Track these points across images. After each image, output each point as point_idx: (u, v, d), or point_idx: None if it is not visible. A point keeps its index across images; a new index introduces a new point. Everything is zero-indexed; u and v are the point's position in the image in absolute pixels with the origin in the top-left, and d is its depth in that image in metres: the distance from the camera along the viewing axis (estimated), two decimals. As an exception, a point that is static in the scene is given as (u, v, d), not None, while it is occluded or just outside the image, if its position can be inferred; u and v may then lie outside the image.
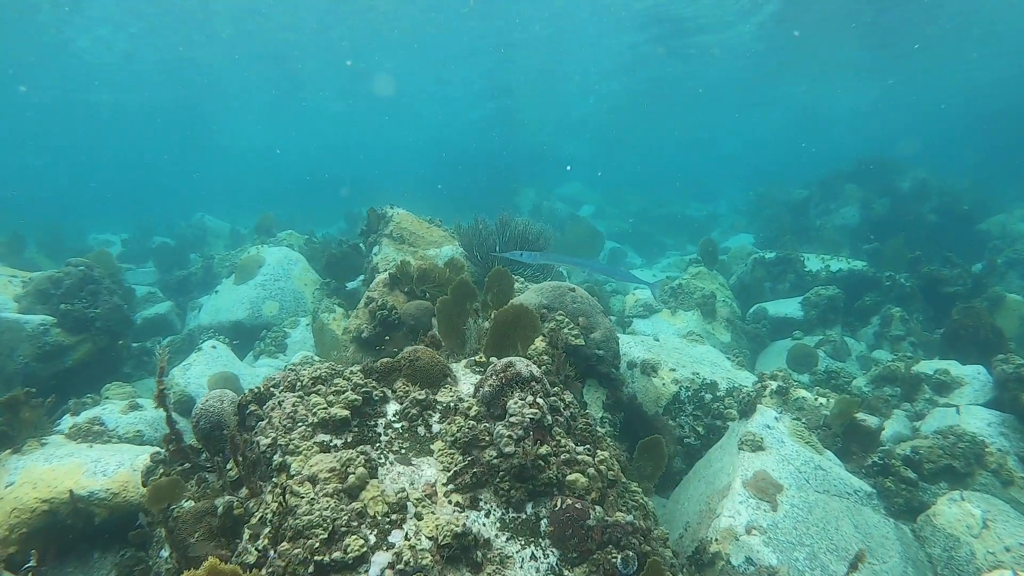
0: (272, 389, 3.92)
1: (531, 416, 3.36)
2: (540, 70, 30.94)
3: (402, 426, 3.63)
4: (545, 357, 5.14)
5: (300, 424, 3.44)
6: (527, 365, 3.91)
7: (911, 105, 42.53)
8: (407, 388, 3.99)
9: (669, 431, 6.60)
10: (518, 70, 31.15)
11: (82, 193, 58.79)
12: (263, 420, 3.64)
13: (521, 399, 3.51)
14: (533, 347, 5.42)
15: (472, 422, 3.49)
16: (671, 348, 7.71)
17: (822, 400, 5.80)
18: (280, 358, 9.18)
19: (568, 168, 44.09)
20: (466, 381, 4.53)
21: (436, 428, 3.63)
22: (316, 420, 3.45)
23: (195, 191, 54.53)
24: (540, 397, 3.60)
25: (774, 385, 5.98)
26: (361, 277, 10.10)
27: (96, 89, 32.10)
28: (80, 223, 33.14)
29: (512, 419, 3.34)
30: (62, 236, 20.94)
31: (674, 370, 6.94)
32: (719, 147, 68.78)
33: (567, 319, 6.01)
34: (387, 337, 6.38)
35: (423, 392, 3.89)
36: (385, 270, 8.60)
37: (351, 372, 4.23)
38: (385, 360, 4.37)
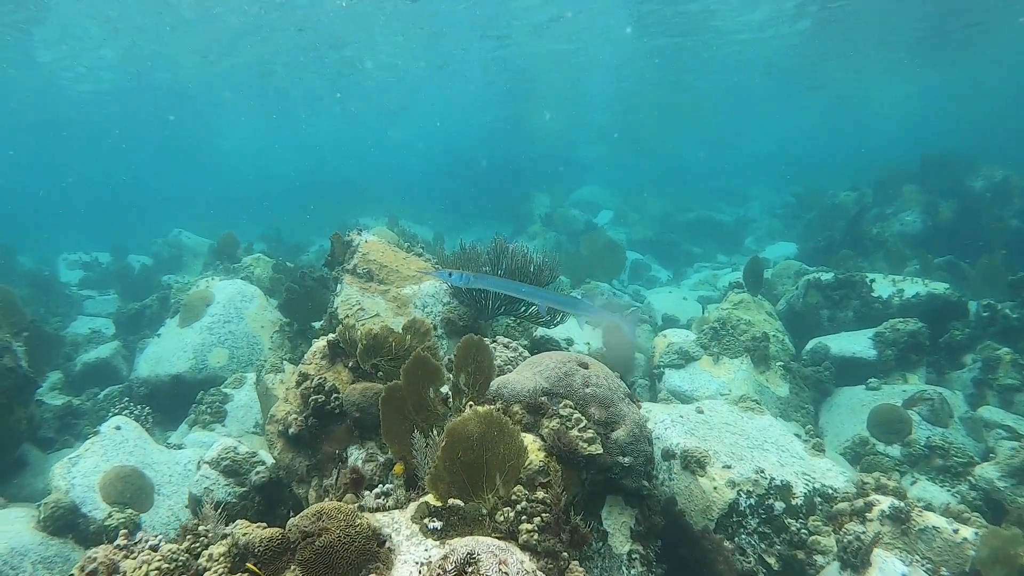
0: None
1: None
2: (553, 68, 29.26)
3: None
4: (543, 494, 3.45)
5: None
6: (502, 566, 2.28)
7: (975, 97, 39.95)
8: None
9: (725, 558, 4.87)
10: (530, 69, 29.50)
11: (60, 209, 58.12)
12: None
13: None
14: (527, 464, 3.76)
15: None
16: (720, 425, 5.97)
17: (964, 532, 4.02)
18: (217, 430, 7.57)
19: (581, 172, 42.24)
20: (409, 557, 2.89)
21: None
22: None
23: (178, 204, 53.41)
24: None
25: (885, 504, 4.23)
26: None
27: (69, 101, 31.01)
28: (56, 241, 32.14)
29: None
30: (11, 259, 19.55)
31: (729, 466, 5.21)
32: (747, 144, 66.57)
33: (577, 412, 4.31)
34: (322, 433, 4.74)
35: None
36: (344, 317, 6.98)
37: (210, 560, 2.62)
38: (270, 534, 2.76)
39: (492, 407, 3.60)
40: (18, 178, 66.04)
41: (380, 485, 4.17)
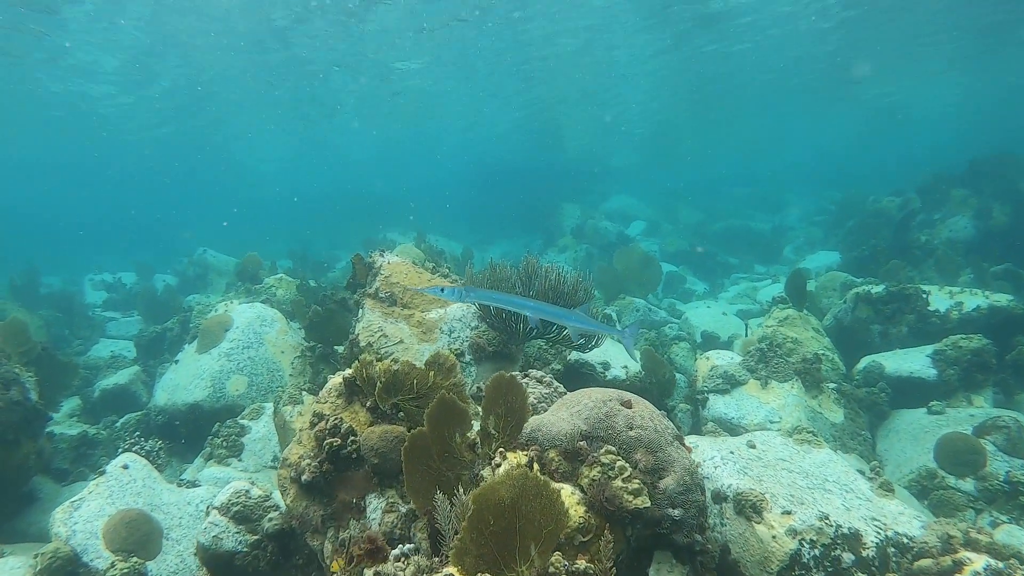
0: None
1: None
2: (581, 74, 28.88)
3: None
4: (584, 563, 3.03)
5: None
6: None
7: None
8: None
9: (788, 619, 4.38)
10: (557, 76, 29.17)
11: (89, 229, 59.24)
12: None
13: None
14: (570, 518, 3.35)
15: None
16: (775, 462, 5.47)
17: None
18: (233, 465, 7.27)
19: (610, 181, 41.62)
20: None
21: None
22: None
23: (205, 222, 54.08)
24: None
25: (979, 565, 3.71)
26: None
27: (98, 118, 31.51)
28: (84, 260, 32.62)
29: None
30: (35, 281, 19.72)
31: (789, 512, 4.71)
32: (782, 150, 65.41)
33: (620, 458, 3.88)
34: (338, 480, 4.38)
35: None
36: (367, 345, 6.65)
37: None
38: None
39: (526, 467, 3.19)
40: (48, 198, 67.79)
41: (401, 545, 3.80)
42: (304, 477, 4.32)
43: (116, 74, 25.22)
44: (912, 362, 9.12)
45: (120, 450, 7.34)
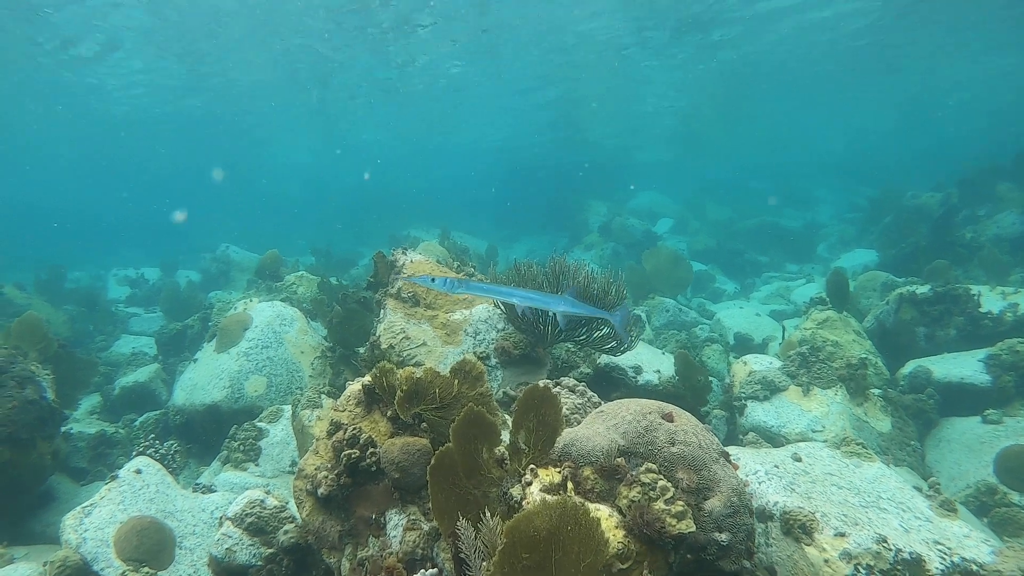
0: None
1: None
2: (607, 69, 28.41)
3: None
4: (625, 600, 2.74)
5: None
6: None
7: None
8: None
9: (844, 652, 4.04)
10: (582, 70, 28.74)
11: (116, 224, 60.08)
12: None
13: None
14: (609, 545, 3.05)
15: None
16: (824, 477, 5.12)
17: None
18: (250, 470, 7.07)
19: (632, 187, 40.80)
20: None
21: None
22: None
23: (229, 217, 54.42)
24: None
25: (1063, 603, 3.37)
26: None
27: (122, 114, 31.81)
28: (110, 256, 32.98)
29: None
30: (63, 273, 19.83)
31: (843, 533, 4.37)
32: (812, 144, 64.07)
33: (662, 477, 3.57)
34: (356, 494, 4.13)
35: None
36: (388, 347, 6.40)
37: None
38: None
39: (564, 495, 2.91)
40: (76, 193, 68.94)
41: (424, 570, 3.54)
42: (320, 491, 4.07)
43: (144, 73, 25.42)
44: (963, 367, 8.65)
45: (134, 453, 7.18)
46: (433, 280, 4.85)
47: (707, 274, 20.49)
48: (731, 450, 5.57)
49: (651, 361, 8.15)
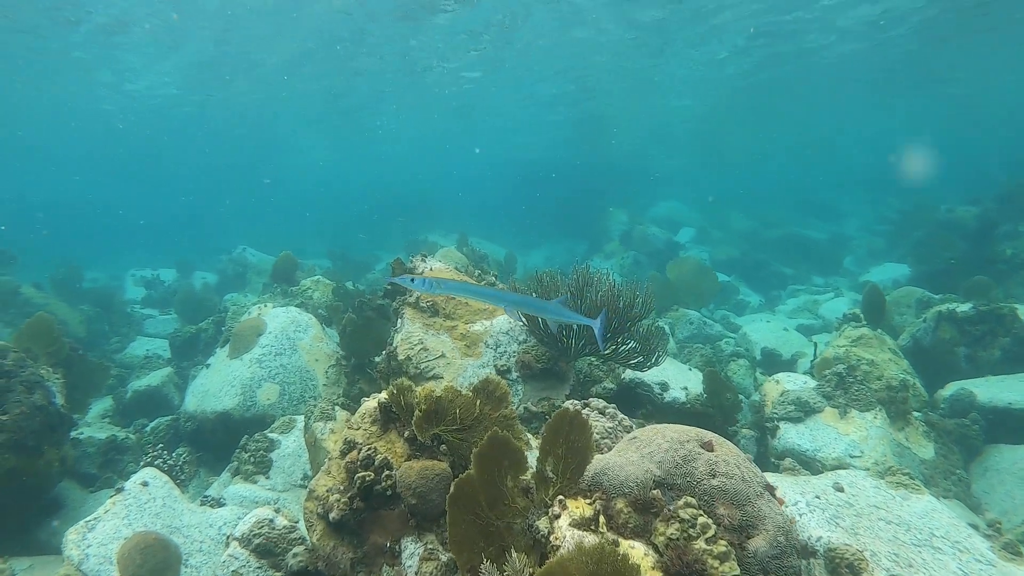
0: None
1: None
2: (629, 75, 28.10)
3: None
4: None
5: None
6: None
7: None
8: None
9: None
10: (604, 75, 28.48)
11: (134, 224, 60.71)
12: None
13: None
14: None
15: None
16: (868, 509, 4.80)
17: None
18: (260, 483, 6.85)
19: (654, 179, 40.32)
20: None
21: None
22: None
23: (246, 220, 54.77)
24: None
25: None
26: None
27: (140, 115, 32.09)
28: (128, 256, 33.17)
29: None
30: (80, 273, 19.87)
31: (895, 576, 4.05)
32: (838, 153, 63.27)
33: (702, 513, 3.29)
34: (370, 519, 3.89)
35: None
36: (405, 358, 6.17)
37: None
38: None
39: (602, 543, 2.64)
40: (95, 193, 69.85)
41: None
42: (332, 515, 3.84)
43: (171, 74, 25.59)
44: (1011, 391, 8.25)
45: (142, 463, 7.00)
46: (413, 280, 4.70)
47: (731, 285, 20.07)
48: (769, 477, 5.27)
49: (677, 377, 7.84)
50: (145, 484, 5.60)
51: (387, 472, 3.84)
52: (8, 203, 64.92)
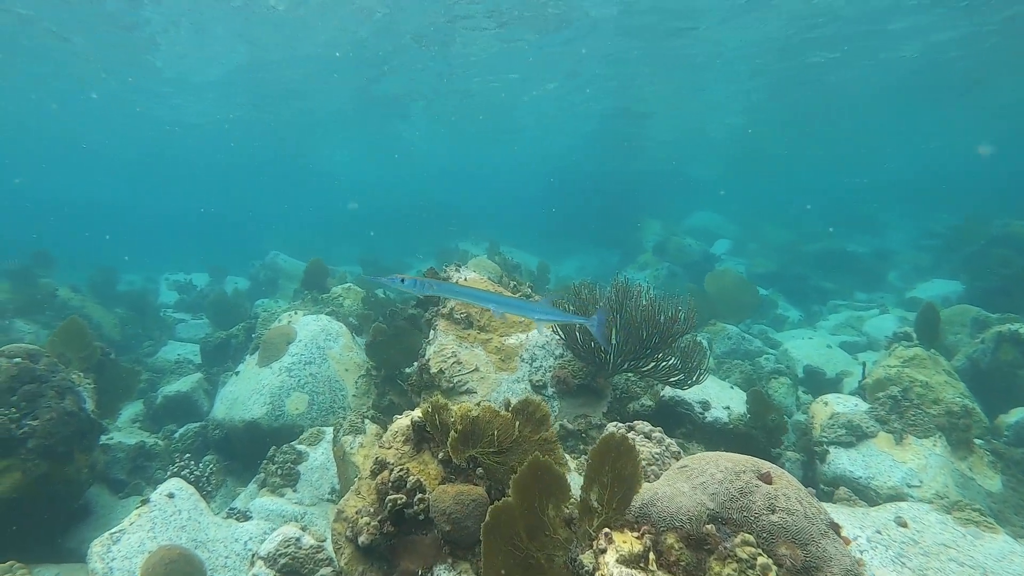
0: None
1: None
2: (666, 83, 27.80)
3: None
4: None
5: None
6: None
7: None
8: None
9: None
10: (638, 84, 28.20)
11: (171, 228, 61.97)
12: None
13: None
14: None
15: None
16: (936, 548, 4.46)
17: None
18: (287, 496, 6.71)
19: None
20: None
21: None
22: None
23: (279, 225, 55.55)
24: None
25: None
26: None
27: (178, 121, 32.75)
28: (164, 260, 33.72)
29: None
30: (112, 280, 20.15)
31: (969, 625, 3.72)
32: (882, 165, 61.74)
33: (760, 552, 3.03)
34: (401, 544, 3.69)
35: None
36: (438, 371, 5.99)
37: None
38: None
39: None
40: (133, 198, 71.52)
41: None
42: (361, 539, 3.65)
43: (207, 87, 26.06)
44: (1078, 419, 7.79)
45: (168, 473, 6.92)
46: (403, 281, 4.65)
47: (769, 300, 19.57)
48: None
49: (719, 396, 7.54)
50: (171, 496, 5.50)
51: (420, 495, 3.64)
52: (50, 205, 66.89)
